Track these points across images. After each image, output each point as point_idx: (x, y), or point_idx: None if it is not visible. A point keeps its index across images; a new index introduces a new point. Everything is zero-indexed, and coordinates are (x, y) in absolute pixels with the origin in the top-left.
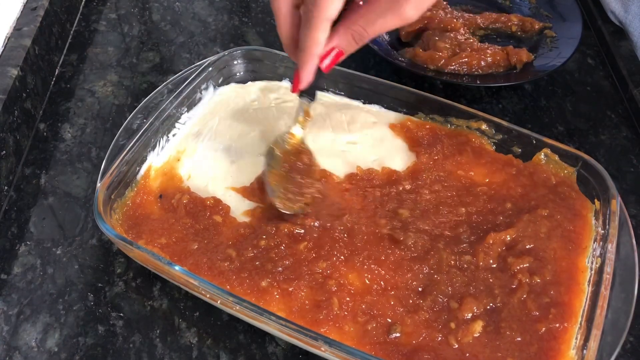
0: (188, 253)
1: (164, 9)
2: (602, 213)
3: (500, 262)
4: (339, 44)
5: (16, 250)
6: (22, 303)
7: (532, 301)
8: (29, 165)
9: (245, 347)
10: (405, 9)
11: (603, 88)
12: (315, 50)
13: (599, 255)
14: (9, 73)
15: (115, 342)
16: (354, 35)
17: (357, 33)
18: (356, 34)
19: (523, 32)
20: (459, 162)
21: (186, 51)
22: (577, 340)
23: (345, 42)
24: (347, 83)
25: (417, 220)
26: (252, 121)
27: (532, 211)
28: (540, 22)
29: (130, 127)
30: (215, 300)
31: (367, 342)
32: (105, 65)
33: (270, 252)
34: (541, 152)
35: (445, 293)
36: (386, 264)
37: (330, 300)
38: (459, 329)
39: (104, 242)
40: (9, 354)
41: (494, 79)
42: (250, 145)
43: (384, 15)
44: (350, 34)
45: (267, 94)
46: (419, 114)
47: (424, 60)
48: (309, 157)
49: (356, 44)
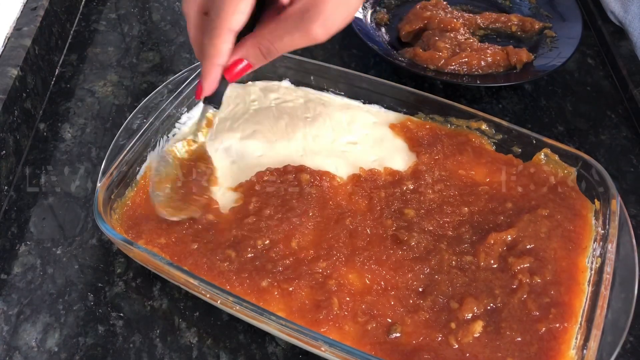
0: (188, 253)
1: (164, 9)
2: (602, 213)
3: (501, 262)
4: (247, 56)
5: (16, 250)
6: (22, 303)
7: (533, 301)
8: (29, 165)
9: (245, 347)
10: (313, 28)
11: (603, 88)
12: (217, 60)
13: (599, 255)
14: (9, 73)
15: (115, 342)
16: (262, 50)
17: (264, 47)
18: (264, 48)
19: (523, 32)
20: (459, 162)
21: (186, 51)
22: (577, 340)
23: (253, 55)
24: (347, 83)
25: (423, 220)
26: (252, 121)
27: (532, 211)
28: (540, 22)
29: (130, 127)
30: (215, 300)
31: (367, 342)
32: (105, 65)
33: (270, 251)
34: (541, 152)
35: (445, 293)
36: (387, 264)
37: (331, 300)
38: (459, 329)
39: (104, 242)
40: (9, 354)
41: (494, 79)
42: (250, 145)
43: (291, 33)
44: (258, 48)
45: (267, 93)
46: (419, 114)
47: (424, 60)
48: (206, 164)
49: (264, 58)
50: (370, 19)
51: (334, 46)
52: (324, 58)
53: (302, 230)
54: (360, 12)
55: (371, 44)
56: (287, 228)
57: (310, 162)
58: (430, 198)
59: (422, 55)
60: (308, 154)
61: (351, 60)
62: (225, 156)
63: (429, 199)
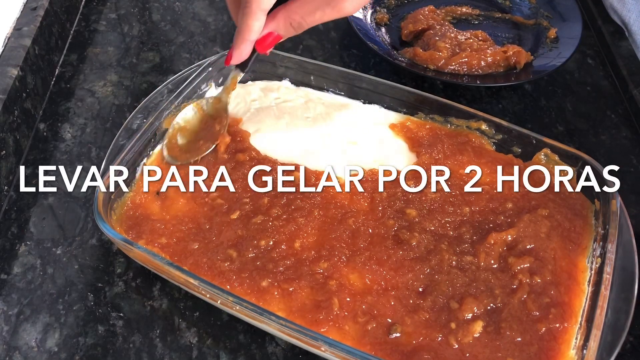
0: (188, 253)
1: (164, 9)
2: (602, 213)
3: (501, 262)
4: (277, 30)
5: (16, 250)
6: (22, 303)
7: (533, 301)
8: (29, 165)
9: (245, 347)
10: (345, 4)
11: (603, 88)
12: (248, 36)
13: (599, 255)
14: (9, 73)
15: (115, 342)
16: (293, 24)
17: (295, 22)
18: (295, 22)
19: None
20: (460, 162)
21: (186, 51)
22: (577, 340)
23: (284, 28)
24: (347, 83)
25: (424, 220)
26: (253, 121)
27: (532, 211)
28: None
29: (130, 127)
30: (215, 300)
31: (367, 342)
32: (105, 65)
33: (272, 252)
34: (541, 152)
35: (445, 293)
36: (387, 264)
37: (331, 301)
38: (459, 329)
39: (104, 242)
40: (9, 354)
41: (494, 79)
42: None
43: (322, 8)
44: (289, 22)
45: (267, 93)
46: (419, 114)
47: (424, 60)
48: (222, 124)
49: (294, 31)
50: (370, 19)
51: (334, 46)
52: (324, 58)
53: (307, 231)
54: (360, 12)
55: (371, 44)
56: (292, 228)
57: (310, 162)
58: (431, 198)
59: (422, 55)
60: (308, 153)
61: (351, 60)
62: None
63: (430, 198)
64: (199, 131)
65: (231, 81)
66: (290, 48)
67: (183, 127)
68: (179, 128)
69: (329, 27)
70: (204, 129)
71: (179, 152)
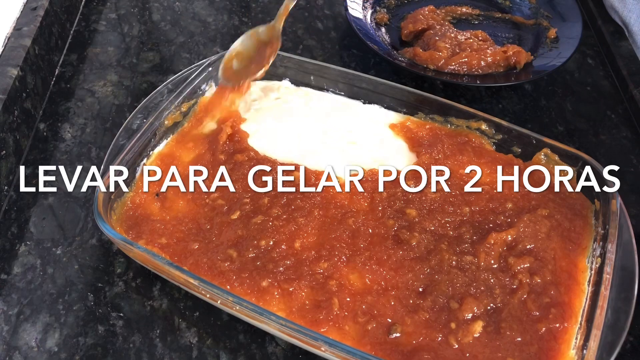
0: (188, 253)
1: (164, 9)
2: (602, 213)
3: (501, 262)
4: None
5: (16, 250)
6: (22, 303)
7: (533, 301)
8: (29, 165)
9: (245, 347)
10: None
11: (603, 88)
12: None
13: (599, 255)
14: (9, 73)
15: (115, 342)
16: None
17: None
18: None
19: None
20: (460, 162)
21: (186, 51)
22: (577, 340)
23: None
24: (347, 83)
25: (424, 220)
26: (253, 121)
27: (532, 211)
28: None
29: (130, 127)
30: (215, 300)
31: (367, 342)
32: (105, 65)
33: (273, 252)
34: (541, 152)
35: (445, 293)
36: (388, 264)
37: (331, 301)
38: (459, 329)
39: (104, 242)
40: (9, 354)
41: (494, 79)
42: (251, 145)
43: None
44: None
45: (267, 93)
46: (419, 114)
47: (424, 60)
48: (273, 48)
49: None
50: (370, 19)
51: (334, 46)
52: (324, 58)
53: (307, 231)
54: (360, 12)
55: (371, 44)
56: (292, 228)
57: (310, 161)
58: (431, 198)
59: (422, 55)
60: (308, 153)
61: (351, 60)
62: None
63: (430, 198)
64: (253, 56)
65: (284, 8)
66: (290, 48)
67: (239, 53)
68: (235, 53)
69: (329, 27)
70: (258, 54)
71: (232, 74)
